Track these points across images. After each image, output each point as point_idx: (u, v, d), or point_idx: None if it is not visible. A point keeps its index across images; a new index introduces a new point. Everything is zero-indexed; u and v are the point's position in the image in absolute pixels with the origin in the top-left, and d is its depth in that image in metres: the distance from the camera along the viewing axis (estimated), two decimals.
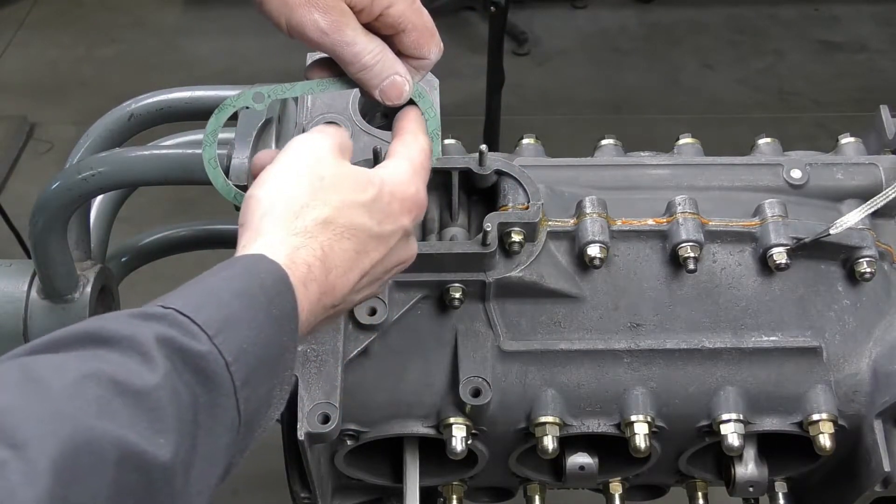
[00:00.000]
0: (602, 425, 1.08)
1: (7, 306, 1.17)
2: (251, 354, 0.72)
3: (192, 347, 0.68)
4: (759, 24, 4.16)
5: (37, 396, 0.61)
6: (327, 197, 0.84)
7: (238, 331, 0.72)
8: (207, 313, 0.71)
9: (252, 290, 0.75)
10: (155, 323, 0.69)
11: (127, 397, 0.63)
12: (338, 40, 0.90)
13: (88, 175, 1.08)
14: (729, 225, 1.07)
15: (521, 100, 3.59)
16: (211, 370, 0.69)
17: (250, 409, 0.72)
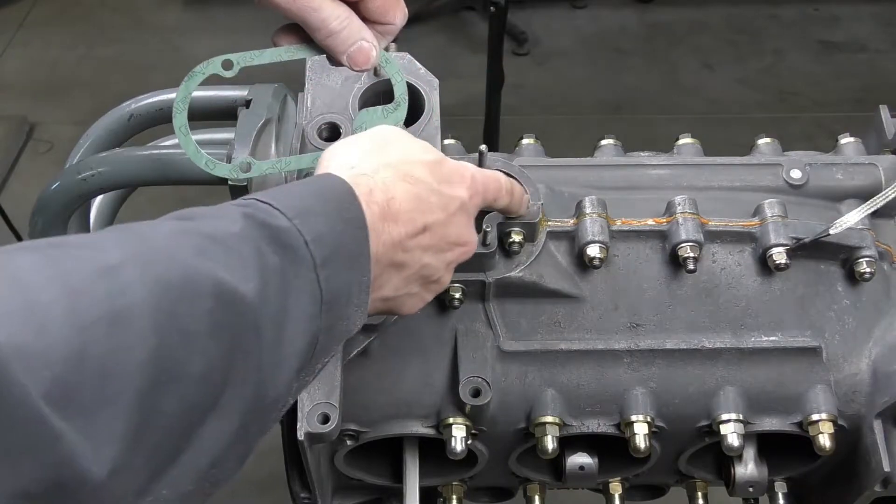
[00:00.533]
0: (602, 425, 1.08)
1: None
2: (328, 241, 0.76)
3: (273, 222, 0.73)
4: (759, 24, 4.16)
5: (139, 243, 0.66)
6: (390, 149, 0.89)
7: (315, 219, 0.76)
8: (286, 202, 0.76)
9: (325, 193, 0.80)
10: (238, 206, 0.74)
11: (220, 245, 0.69)
12: (304, 6, 0.92)
13: (88, 175, 1.08)
14: (729, 225, 1.07)
15: (521, 100, 3.60)
16: (292, 243, 0.73)
17: (331, 288, 0.75)
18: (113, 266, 0.62)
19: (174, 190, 1.35)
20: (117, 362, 0.59)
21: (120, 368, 0.59)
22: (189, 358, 0.64)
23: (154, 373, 0.61)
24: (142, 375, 0.60)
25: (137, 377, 0.60)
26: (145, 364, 0.61)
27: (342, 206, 0.80)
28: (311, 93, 1.14)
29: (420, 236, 0.87)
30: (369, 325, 1.01)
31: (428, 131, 1.12)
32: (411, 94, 1.15)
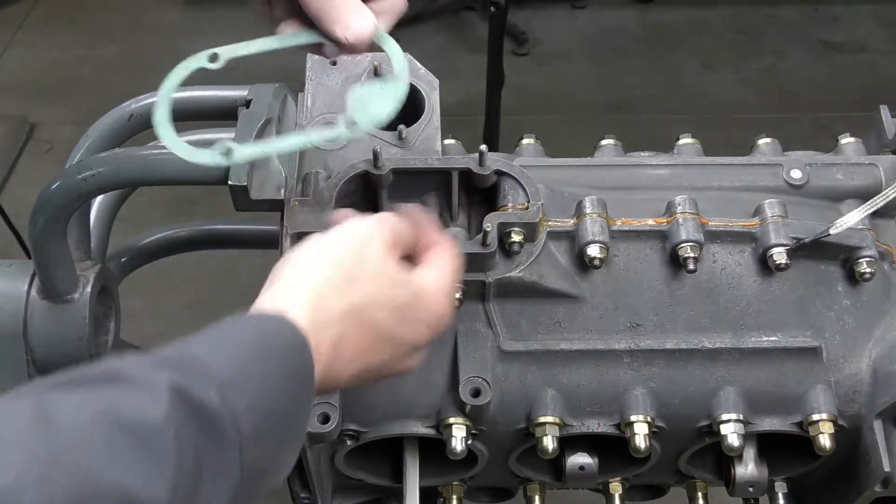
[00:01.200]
0: (602, 425, 1.08)
1: (7, 306, 1.17)
2: (261, 409, 0.72)
3: (201, 398, 0.69)
4: (759, 24, 4.16)
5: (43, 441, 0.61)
6: (361, 286, 0.83)
7: (250, 385, 0.72)
8: (222, 365, 0.72)
9: (270, 348, 0.76)
10: (170, 371, 0.69)
11: (133, 439, 0.64)
12: None
13: (88, 175, 1.08)
14: (729, 225, 1.07)
15: (521, 100, 3.59)
16: (217, 422, 0.69)
17: (254, 463, 0.72)
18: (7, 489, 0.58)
19: (174, 190, 1.36)
20: None
21: None
22: None
23: None
24: None
25: None
26: None
27: (289, 362, 0.76)
28: (311, 93, 1.14)
29: (354, 376, 0.84)
30: None
31: (428, 131, 1.12)
32: (411, 94, 1.15)
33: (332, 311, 0.80)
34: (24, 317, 1.17)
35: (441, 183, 1.07)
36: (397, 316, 0.84)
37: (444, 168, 1.06)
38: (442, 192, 1.09)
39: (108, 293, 1.26)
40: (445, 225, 1.09)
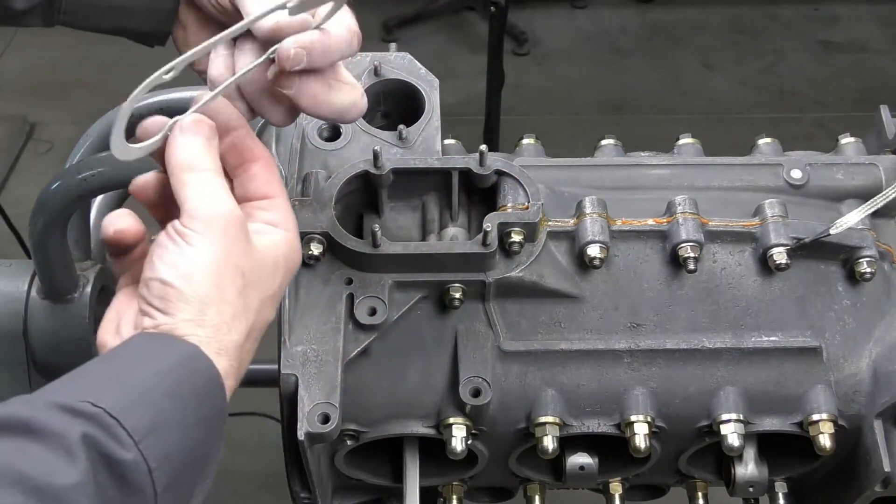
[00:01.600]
0: (602, 425, 1.08)
1: (7, 306, 1.17)
2: (177, 458, 0.71)
3: (115, 454, 0.67)
4: (759, 24, 4.16)
5: None
6: (249, 299, 0.80)
7: (165, 434, 0.71)
8: (136, 416, 0.70)
9: (185, 390, 0.73)
10: (83, 421, 0.68)
11: (44, 500, 0.63)
12: None
13: (88, 175, 1.08)
14: (729, 225, 1.07)
15: (521, 100, 3.59)
16: (132, 477, 0.68)
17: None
18: None
19: None
20: None
21: None
22: None
23: None
24: None
25: None
26: None
27: (203, 401, 0.74)
28: None
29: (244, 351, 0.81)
30: (369, 326, 1.01)
31: (428, 131, 1.12)
32: (411, 94, 1.16)
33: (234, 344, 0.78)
34: (24, 317, 1.17)
35: (441, 183, 1.07)
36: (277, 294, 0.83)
37: (444, 168, 1.06)
38: (442, 192, 1.09)
39: (108, 293, 1.26)
40: (445, 225, 1.09)
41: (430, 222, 1.08)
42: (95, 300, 1.21)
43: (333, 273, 1.03)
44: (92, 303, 1.19)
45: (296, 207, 1.05)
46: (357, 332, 1.02)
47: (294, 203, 1.05)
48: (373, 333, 1.02)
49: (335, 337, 1.01)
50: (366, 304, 1.01)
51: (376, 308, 1.01)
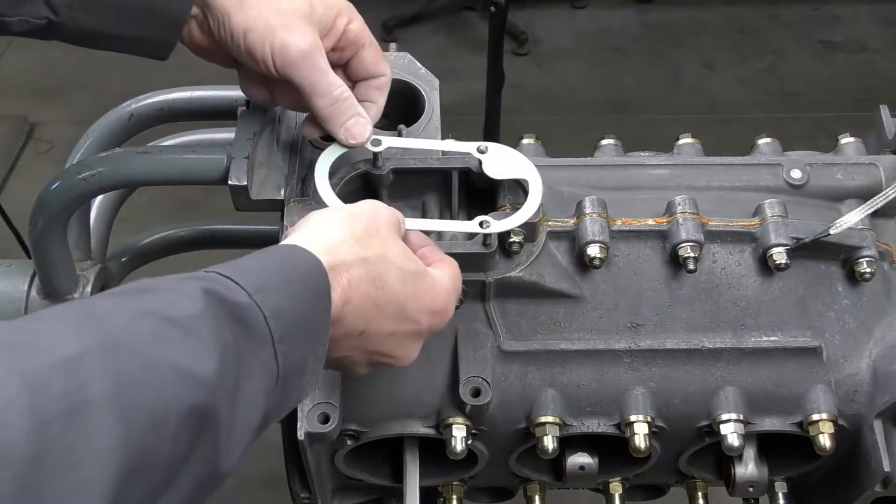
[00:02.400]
0: (602, 425, 1.08)
1: (7, 306, 1.17)
2: (288, 316, 0.75)
3: (233, 298, 0.73)
4: (759, 24, 4.16)
5: (97, 330, 0.65)
6: (375, 245, 0.86)
7: (275, 294, 0.76)
8: (247, 278, 0.75)
9: (291, 266, 0.80)
10: (199, 280, 0.74)
11: (178, 328, 0.68)
12: (315, 64, 0.95)
13: (88, 175, 1.08)
14: (729, 225, 1.07)
15: (521, 100, 3.59)
16: (251, 319, 0.73)
17: (287, 364, 0.75)
18: (72, 358, 0.61)
19: (174, 190, 1.36)
20: (80, 457, 0.59)
21: (84, 462, 0.59)
22: (160, 446, 0.64)
23: (126, 461, 0.61)
24: (112, 466, 0.60)
25: (108, 468, 0.60)
26: (113, 454, 0.60)
27: (308, 278, 0.80)
28: None
29: (353, 340, 0.86)
30: None
31: (428, 131, 1.12)
32: (411, 93, 1.16)
33: (346, 258, 0.84)
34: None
35: (441, 183, 1.07)
36: (406, 282, 0.87)
37: (444, 168, 1.06)
38: (442, 191, 1.09)
39: None
40: None
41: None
42: None
43: None
44: None
45: (295, 207, 1.05)
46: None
47: (294, 203, 1.05)
48: None
49: None
50: None
51: None
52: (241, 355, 0.71)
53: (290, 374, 0.76)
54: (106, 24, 0.95)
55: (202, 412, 0.67)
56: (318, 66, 0.96)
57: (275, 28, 0.94)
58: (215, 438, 0.69)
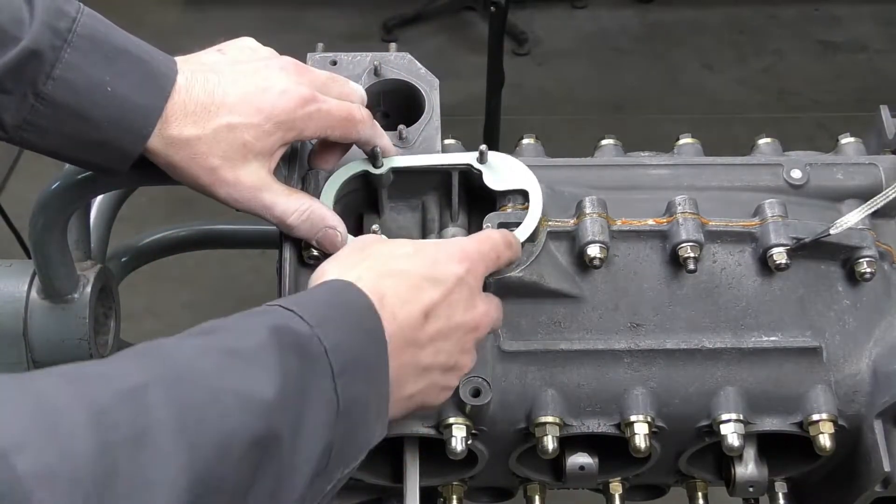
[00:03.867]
0: (602, 425, 1.08)
1: (7, 306, 1.17)
2: (347, 350, 0.77)
3: (295, 327, 0.75)
4: (759, 24, 4.17)
5: (160, 365, 0.68)
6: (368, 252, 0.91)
7: (336, 329, 0.78)
8: (309, 310, 0.78)
9: (345, 304, 0.83)
10: (262, 314, 0.77)
11: (241, 359, 0.70)
12: (258, 207, 0.96)
13: (88, 175, 1.08)
14: (729, 225, 1.07)
15: (521, 100, 3.60)
16: (312, 351, 0.75)
17: (348, 397, 0.76)
18: (135, 388, 0.63)
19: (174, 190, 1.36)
20: (148, 480, 0.60)
21: (152, 486, 0.60)
22: (225, 473, 0.65)
23: (192, 487, 0.62)
24: (179, 490, 0.61)
25: (175, 492, 0.61)
26: (179, 479, 0.61)
27: (362, 317, 0.82)
28: None
29: (426, 325, 0.87)
30: None
31: (428, 131, 1.12)
32: (411, 93, 1.16)
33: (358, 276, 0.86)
34: (24, 317, 1.17)
35: (441, 182, 1.07)
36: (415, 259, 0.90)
37: (444, 167, 1.06)
38: (442, 191, 1.09)
39: (108, 293, 1.26)
40: (445, 225, 1.09)
41: (430, 222, 1.08)
42: (95, 300, 1.21)
43: None
44: (92, 303, 1.19)
45: None
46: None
47: None
48: None
49: None
50: None
51: None
52: (303, 383, 0.73)
53: (351, 409, 0.77)
54: (58, 148, 0.93)
55: (266, 438, 0.68)
56: (265, 202, 0.96)
57: (208, 186, 0.95)
58: (278, 467, 0.70)
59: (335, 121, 0.98)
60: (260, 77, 0.95)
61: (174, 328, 0.78)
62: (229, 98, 0.93)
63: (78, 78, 0.88)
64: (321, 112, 0.97)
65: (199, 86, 0.93)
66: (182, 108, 0.91)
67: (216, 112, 0.92)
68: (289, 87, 0.95)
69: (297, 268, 1.03)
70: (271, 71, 0.96)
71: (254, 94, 0.94)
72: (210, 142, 0.92)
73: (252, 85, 0.94)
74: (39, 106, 0.88)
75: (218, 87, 0.93)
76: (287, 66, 0.98)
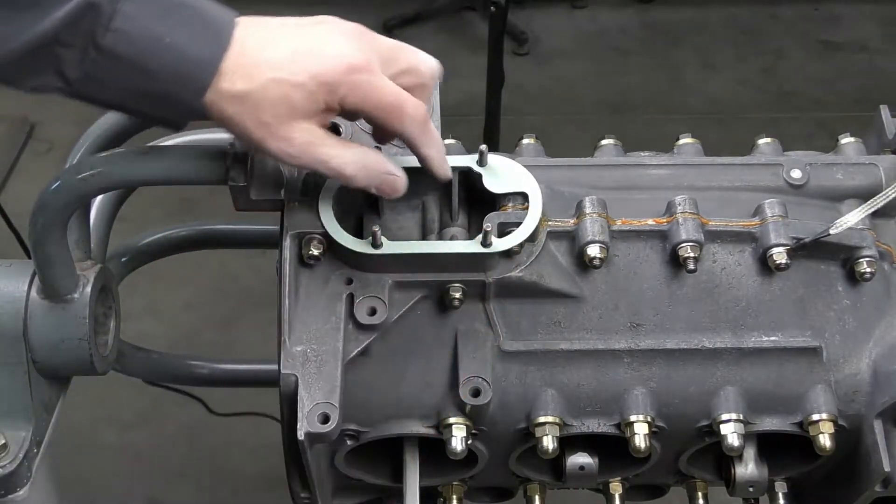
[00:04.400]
0: (602, 425, 1.08)
1: (7, 306, 1.17)
2: None
3: None
4: (759, 24, 4.17)
5: None
6: None
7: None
8: None
9: None
10: None
11: None
12: (312, 161, 0.95)
13: (88, 175, 1.08)
14: (729, 225, 1.07)
15: (521, 100, 3.60)
16: None
17: None
18: None
19: (174, 190, 1.36)
20: None
21: None
22: None
23: None
24: None
25: None
26: None
27: None
28: None
29: None
30: (369, 325, 1.02)
31: None
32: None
33: None
34: (24, 317, 1.16)
35: (441, 183, 1.07)
36: None
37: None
38: (442, 192, 1.09)
39: (108, 293, 1.26)
40: (445, 225, 1.09)
41: (430, 222, 1.08)
42: (95, 300, 1.20)
43: (333, 273, 1.04)
44: (92, 303, 1.19)
45: (295, 208, 1.05)
46: (357, 332, 1.02)
47: (294, 203, 1.05)
48: (373, 333, 1.02)
49: (335, 337, 1.01)
50: (366, 304, 1.01)
51: (376, 308, 1.02)
52: None
53: None
54: (120, 101, 0.95)
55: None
56: (319, 156, 0.95)
57: (260, 141, 0.94)
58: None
59: (381, 103, 0.95)
60: (314, 37, 0.94)
61: (174, 328, 0.78)
62: (279, 54, 0.92)
63: (135, 29, 0.88)
64: (369, 85, 0.94)
65: (253, 41, 0.92)
66: (235, 62, 0.91)
67: (266, 67, 0.91)
68: (342, 51, 0.93)
69: (297, 268, 1.03)
70: (329, 34, 0.95)
71: (303, 54, 0.92)
72: (259, 97, 0.91)
73: (304, 44, 0.93)
74: (99, 58, 0.89)
75: (270, 43, 0.93)
76: (348, 31, 0.96)
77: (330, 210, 1.03)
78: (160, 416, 2.66)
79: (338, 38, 0.94)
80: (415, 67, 0.99)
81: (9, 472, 1.12)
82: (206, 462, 2.60)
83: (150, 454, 2.63)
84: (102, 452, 2.63)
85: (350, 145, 0.97)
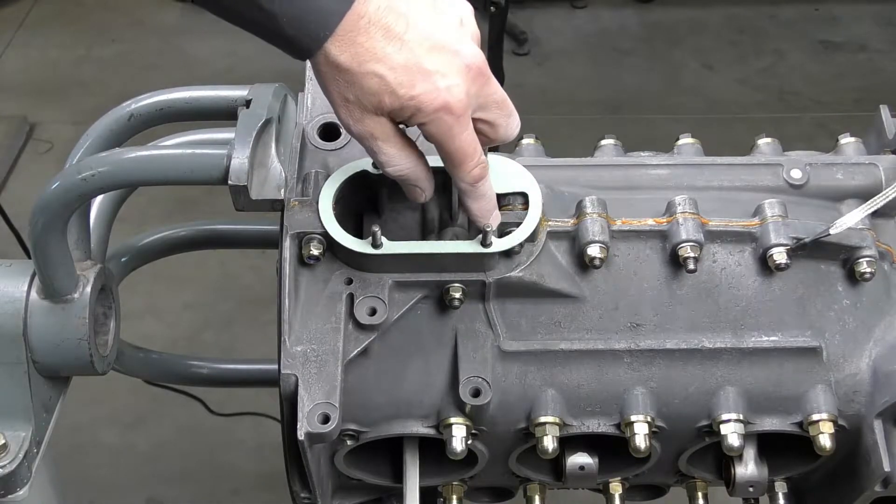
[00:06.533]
0: (602, 425, 1.08)
1: (7, 306, 1.17)
2: None
3: None
4: (759, 24, 4.17)
5: None
6: None
7: None
8: None
9: None
10: None
11: None
12: (366, 146, 0.97)
13: (88, 175, 1.08)
14: (729, 225, 1.07)
15: (521, 100, 3.59)
16: None
17: None
18: None
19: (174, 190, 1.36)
20: None
21: None
22: None
23: None
24: None
25: None
26: None
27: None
28: (311, 93, 1.14)
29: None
30: (369, 325, 1.02)
31: None
32: None
33: None
34: (24, 316, 1.16)
35: (441, 183, 1.07)
36: None
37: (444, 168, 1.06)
38: (442, 191, 1.09)
39: (107, 293, 1.26)
40: (445, 225, 1.09)
41: (430, 222, 1.08)
42: (95, 300, 1.20)
43: (333, 273, 1.04)
44: (92, 303, 1.19)
45: (296, 208, 1.05)
46: (357, 332, 1.02)
47: (294, 203, 1.05)
48: (373, 333, 1.02)
49: (335, 337, 1.01)
50: (366, 304, 1.01)
51: (376, 308, 1.01)
52: None
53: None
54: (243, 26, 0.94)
55: None
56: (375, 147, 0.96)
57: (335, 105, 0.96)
58: None
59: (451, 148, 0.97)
60: (436, 59, 0.97)
61: (174, 328, 0.78)
62: (392, 50, 0.92)
63: None
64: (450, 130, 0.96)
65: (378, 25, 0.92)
66: (353, 28, 0.91)
67: (373, 58, 0.92)
68: (449, 86, 0.97)
69: (297, 268, 1.03)
70: (452, 57, 1.00)
71: (413, 70, 0.93)
72: (354, 79, 0.92)
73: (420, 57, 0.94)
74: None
75: (393, 39, 0.93)
76: (469, 67, 1.04)
77: (330, 210, 1.03)
78: (160, 416, 2.67)
79: (454, 71, 0.98)
80: (499, 125, 1.01)
81: (9, 472, 1.12)
82: (206, 462, 2.60)
83: (150, 454, 2.63)
84: (102, 452, 2.63)
85: (407, 151, 0.97)
